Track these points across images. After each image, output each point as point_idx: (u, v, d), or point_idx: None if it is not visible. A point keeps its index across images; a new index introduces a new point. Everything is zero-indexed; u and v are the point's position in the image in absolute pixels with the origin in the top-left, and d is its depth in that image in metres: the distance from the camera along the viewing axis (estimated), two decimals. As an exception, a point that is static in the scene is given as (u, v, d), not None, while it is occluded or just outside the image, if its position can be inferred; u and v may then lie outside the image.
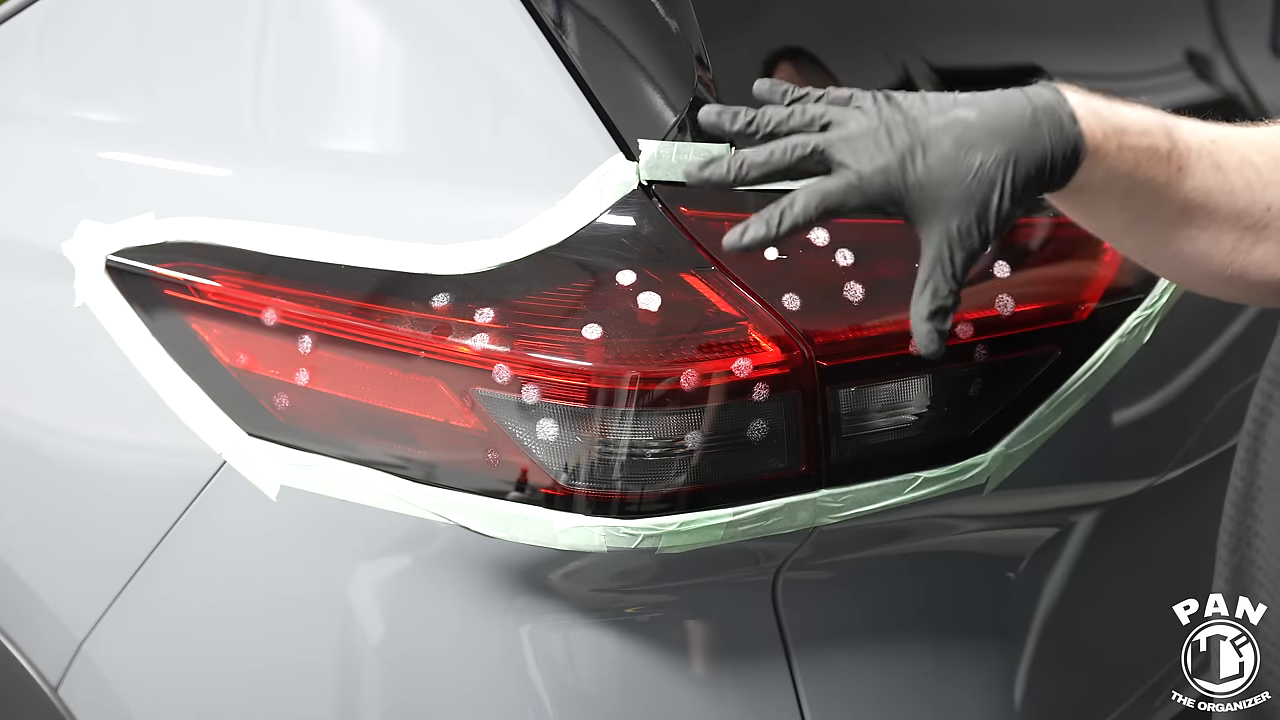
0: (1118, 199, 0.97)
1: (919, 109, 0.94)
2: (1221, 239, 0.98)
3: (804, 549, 1.17)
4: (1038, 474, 1.23)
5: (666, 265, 1.08)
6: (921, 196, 0.92)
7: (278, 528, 1.20)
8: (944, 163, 0.92)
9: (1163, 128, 0.97)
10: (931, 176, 0.92)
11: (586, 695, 1.18)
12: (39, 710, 1.36)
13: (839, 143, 0.93)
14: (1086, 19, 1.45)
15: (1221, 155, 0.97)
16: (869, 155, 0.92)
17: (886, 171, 0.92)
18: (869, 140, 0.93)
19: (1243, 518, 0.98)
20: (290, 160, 1.24)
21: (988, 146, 0.92)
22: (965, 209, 0.92)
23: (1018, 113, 0.94)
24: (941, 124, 0.93)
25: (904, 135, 0.92)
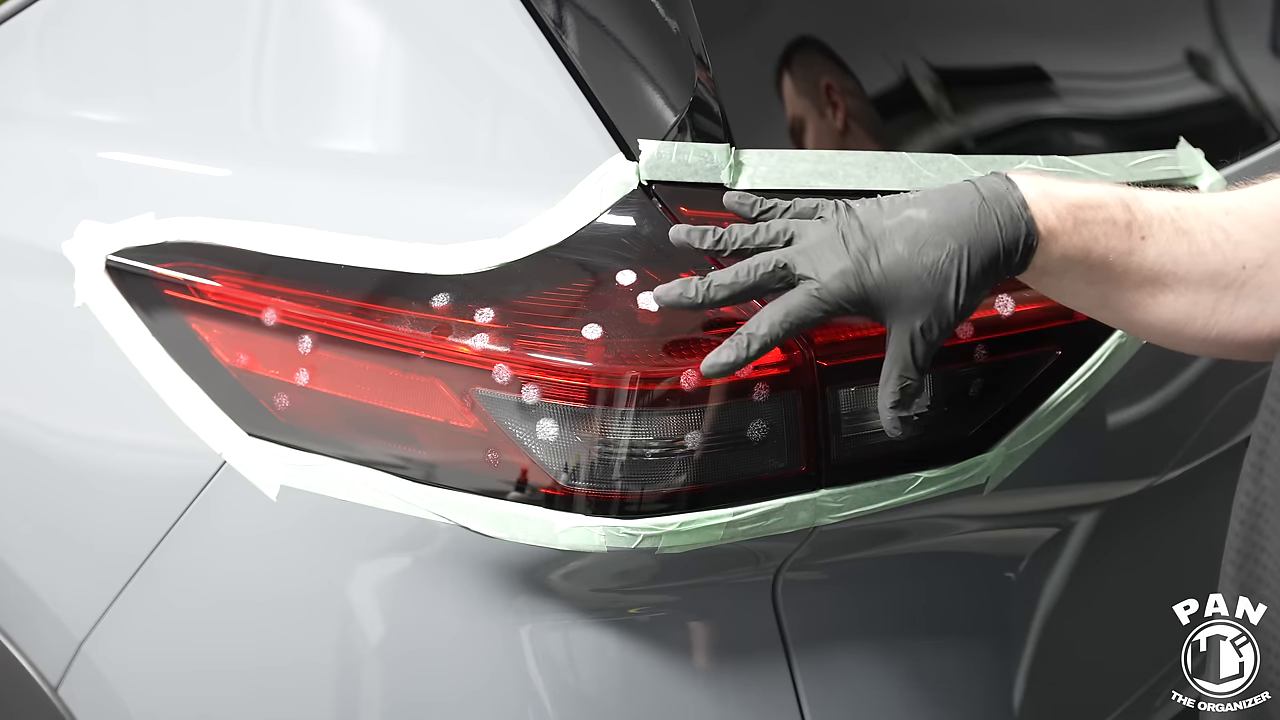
0: (1083, 275, 0.99)
1: (872, 213, 0.98)
2: (1200, 301, 0.99)
3: (804, 549, 1.17)
4: (1038, 474, 1.23)
5: (666, 265, 1.08)
6: (880, 297, 0.96)
7: (278, 528, 1.20)
8: (898, 264, 0.96)
9: (1120, 200, 0.99)
10: (887, 278, 0.96)
11: (586, 695, 1.18)
12: (39, 710, 1.36)
13: (798, 255, 0.98)
14: (1087, 19, 1.45)
15: (1185, 221, 0.99)
16: (826, 263, 0.96)
17: (844, 277, 0.96)
18: (825, 248, 0.97)
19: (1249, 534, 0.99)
20: (290, 160, 1.24)
21: (939, 244, 0.96)
22: (924, 306, 0.96)
23: (967, 206, 0.97)
24: (894, 225, 0.97)
25: (858, 239, 0.96)
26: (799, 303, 0.97)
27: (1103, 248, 0.97)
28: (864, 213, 0.98)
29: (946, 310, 0.96)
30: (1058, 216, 0.97)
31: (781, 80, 1.19)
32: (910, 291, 0.96)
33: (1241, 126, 1.51)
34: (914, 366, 0.98)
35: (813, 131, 1.18)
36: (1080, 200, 0.98)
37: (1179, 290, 0.99)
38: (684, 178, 1.09)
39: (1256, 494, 0.99)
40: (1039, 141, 1.34)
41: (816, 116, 1.19)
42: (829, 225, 0.98)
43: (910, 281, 0.95)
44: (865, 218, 0.97)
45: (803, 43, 1.22)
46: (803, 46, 1.22)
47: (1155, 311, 1.00)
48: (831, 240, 0.97)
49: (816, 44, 1.23)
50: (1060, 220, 0.97)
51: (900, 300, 0.96)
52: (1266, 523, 0.98)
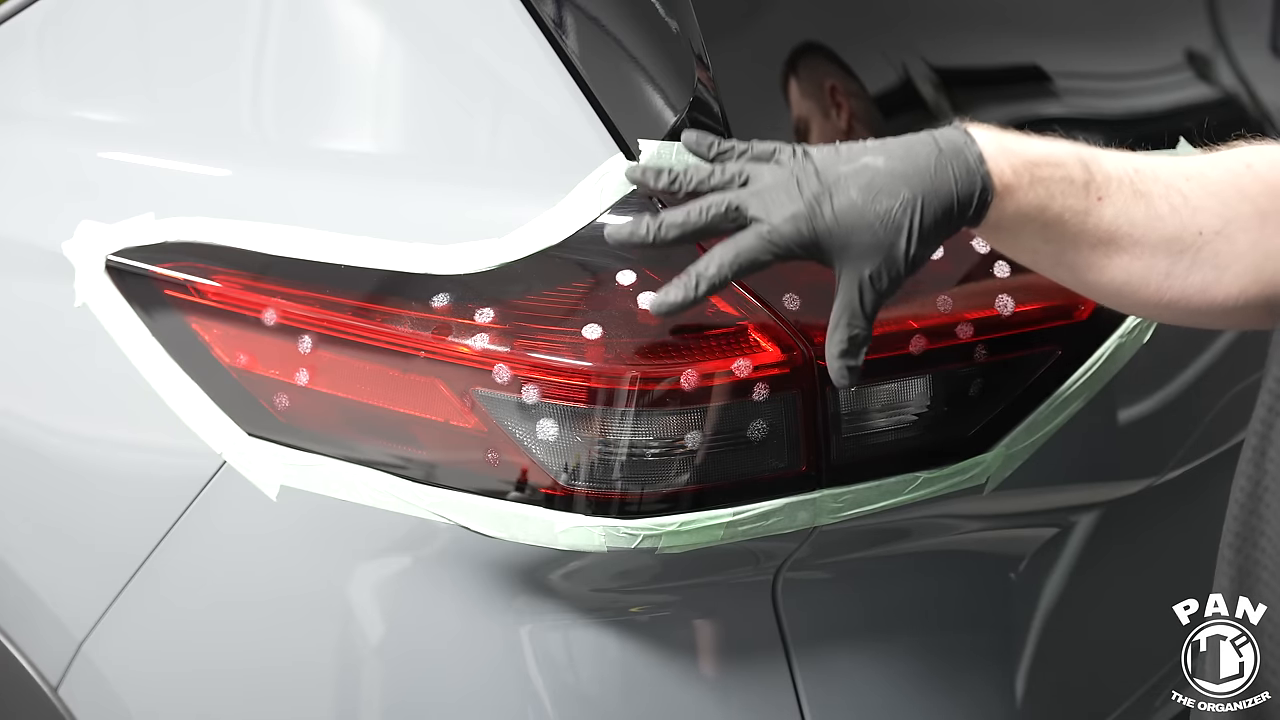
0: (1038, 232, 0.99)
1: (829, 158, 0.97)
2: (1155, 265, 0.99)
3: (804, 549, 1.17)
4: (1038, 474, 1.23)
5: (666, 265, 1.08)
6: (830, 243, 0.95)
7: (278, 528, 1.20)
8: (851, 209, 0.95)
9: (1079, 159, 0.98)
10: (840, 223, 0.95)
11: (586, 695, 1.18)
12: (39, 710, 1.36)
13: (751, 198, 0.97)
14: (1087, 19, 1.45)
15: (1144, 184, 0.99)
16: (779, 206, 0.95)
17: (795, 219, 0.95)
18: (779, 191, 0.96)
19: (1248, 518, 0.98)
20: (290, 160, 1.24)
21: (893, 192, 0.95)
22: (874, 254, 0.95)
23: (924, 157, 0.96)
24: (849, 171, 0.96)
25: (813, 184, 0.96)
26: (749, 244, 0.95)
27: (1059, 206, 0.97)
28: (820, 157, 0.97)
29: (897, 260, 0.95)
30: (1014, 172, 0.96)
31: (782, 81, 1.19)
32: (861, 238, 0.95)
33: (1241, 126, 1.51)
34: (862, 315, 0.97)
35: (814, 132, 1.18)
36: (1038, 157, 0.97)
37: (1134, 253, 0.98)
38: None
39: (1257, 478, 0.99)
40: (1039, 141, 1.34)
41: (817, 117, 1.19)
42: (784, 169, 0.97)
43: (862, 228, 0.95)
44: (821, 163, 0.97)
45: (803, 43, 1.22)
46: (803, 47, 1.22)
47: (1109, 273, 1.00)
48: (786, 184, 0.96)
49: (816, 44, 1.23)
50: (1017, 176, 0.96)
51: (851, 247, 0.95)
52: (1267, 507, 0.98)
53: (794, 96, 1.19)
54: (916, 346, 1.11)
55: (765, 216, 0.95)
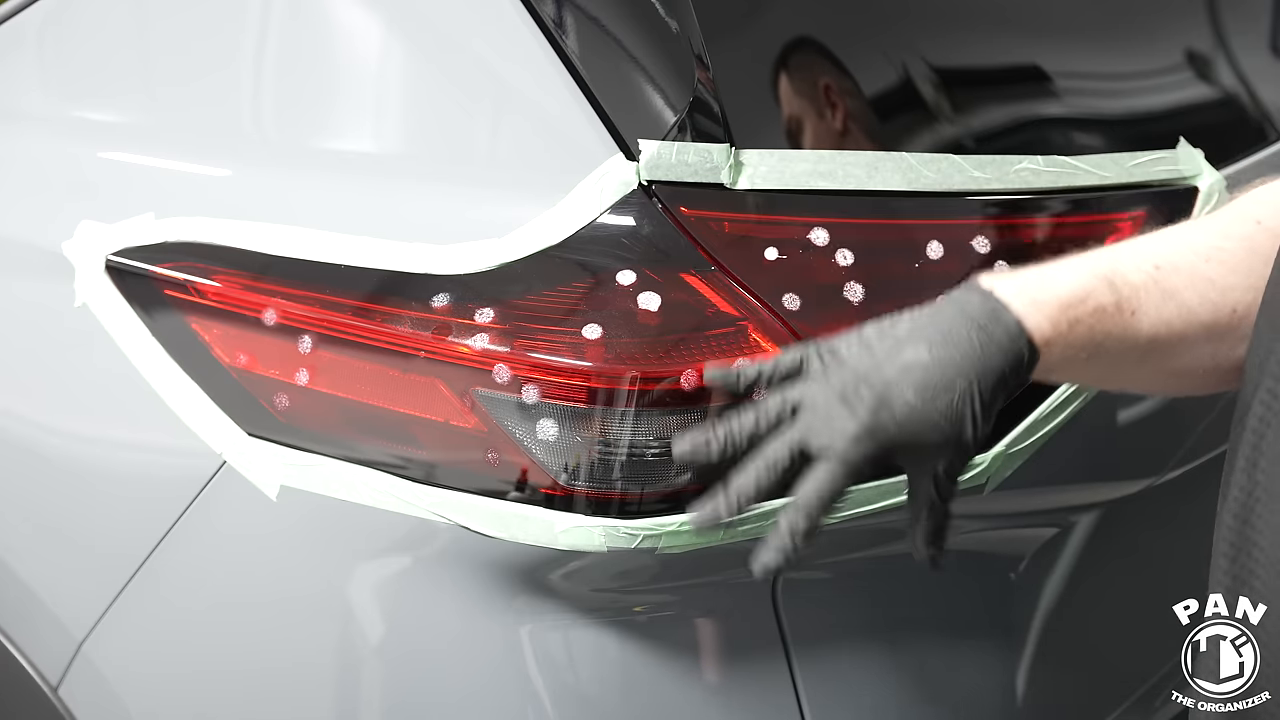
0: (1084, 364, 0.98)
1: (867, 361, 0.93)
2: (1200, 352, 0.99)
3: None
4: (1038, 474, 1.23)
5: (666, 265, 1.08)
6: (898, 449, 0.93)
7: (278, 528, 1.20)
8: (912, 415, 0.92)
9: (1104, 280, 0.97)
10: (904, 430, 0.92)
11: (586, 695, 1.18)
12: (39, 710, 1.36)
13: (808, 432, 0.93)
14: (1087, 19, 1.45)
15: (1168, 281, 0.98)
16: (839, 431, 0.92)
17: (859, 441, 0.92)
18: (833, 415, 0.92)
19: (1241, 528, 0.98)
20: (290, 160, 1.24)
21: (949, 386, 0.92)
22: (944, 449, 0.94)
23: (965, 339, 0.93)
24: (896, 374, 0.92)
25: (865, 397, 0.92)
26: (826, 481, 0.92)
27: (1099, 336, 0.96)
28: (857, 362, 0.94)
29: (966, 447, 0.94)
30: (1052, 324, 0.94)
31: (773, 78, 1.19)
32: (928, 438, 0.92)
33: (1241, 126, 1.51)
34: (941, 505, 0.96)
35: (807, 131, 1.18)
36: (1068, 298, 0.95)
37: (1176, 349, 0.98)
38: (684, 178, 1.09)
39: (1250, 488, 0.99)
40: (1039, 141, 1.34)
41: (811, 116, 1.19)
42: (827, 386, 0.94)
43: (927, 429, 0.92)
44: (863, 368, 0.93)
45: (803, 43, 1.22)
46: (803, 46, 1.22)
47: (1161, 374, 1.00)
48: (837, 404, 0.92)
49: (816, 44, 1.23)
50: (1054, 327, 0.94)
51: (919, 448, 0.93)
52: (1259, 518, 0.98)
53: (785, 94, 1.19)
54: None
55: (830, 444, 0.92)
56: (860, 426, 0.92)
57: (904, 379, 0.92)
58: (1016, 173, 1.20)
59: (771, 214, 1.10)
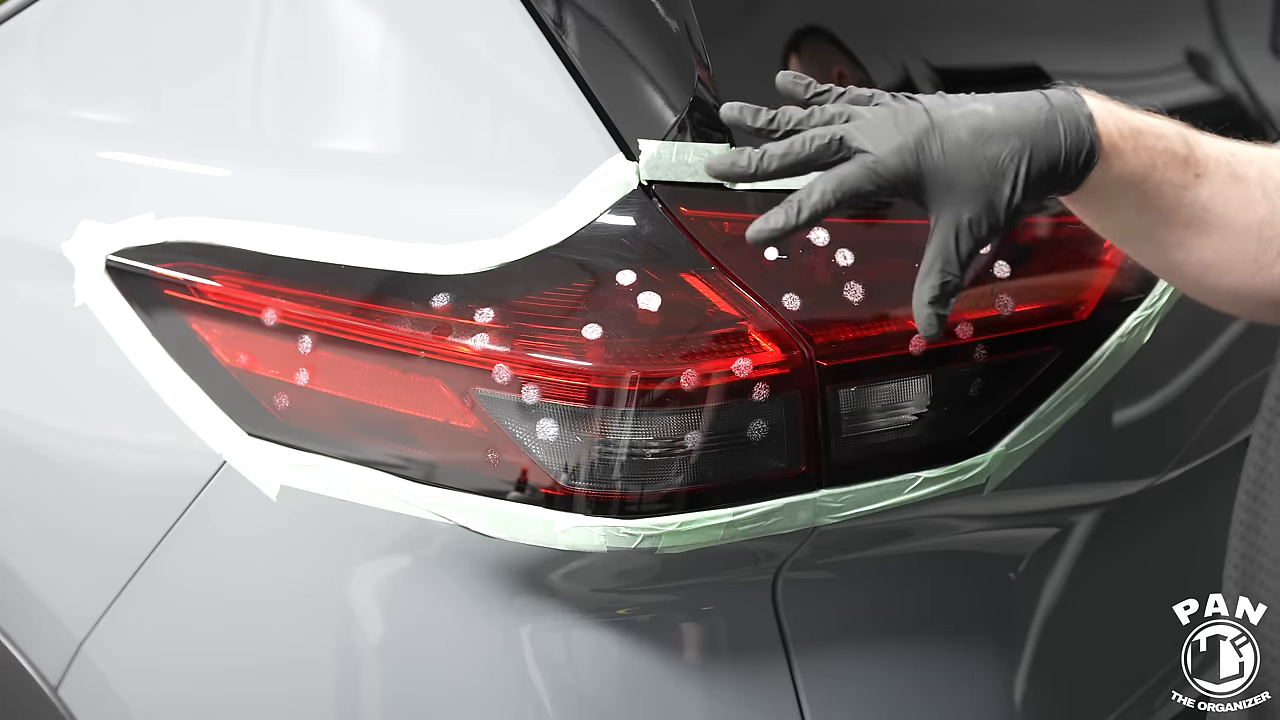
0: (1135, 203, 0.98)
1: (936, 102, 0.97)
2: (1244, 249, 0.99)
3: (804, 549, 1.17)
4: (1038, 474, 1.23)
5: (666, 265, 1.08)
6: (934, 181, 0.94)
7: (278, 528, 1.20)
8: (959, 149, 0.94)
9: (1180, 135, 0.98)
10: (947, 162, 0.94)
11: (586, 695, 1.18)
12: (39, 710, 1.36)
13: (855, 131, 0.95)
14: (1086, 19, 1.45)
15: (1240, 167, 0.99)
16: (885, 139, 0.94)
17: (902, 152, 0.94)
18: (886, 126, 0.95)
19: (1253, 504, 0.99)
20: (290, 160, 1.24)
21: (1004, 139, 0.94)
22: (977, 198, 0.94)
23: (1035, 110, 0.96)
24: (959, 114, 0.95)
25: (921, 120, 0.95)
26: (853, 173, 0.94)
27: (1159, 177, 0.97)
28: (928, 100, 0.97)
29: (998, 207, 0.94)
30: (1120, 135, 0.96)
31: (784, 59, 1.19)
32: (966, 180, 0.94)
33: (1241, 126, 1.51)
34: (957, 261, 0.95)
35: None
36: (1143, 126, 0.97)
37: (1224, 234, 0.98)
38: (684, 178, 1.09)
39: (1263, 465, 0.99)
40: (1039, 141, 1.34)
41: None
42: (889, 107, 0.97)
43: (969, 169, 0.94)
44: (929, 103, 0.96)
45: (802, 43, 1.22)
46: (802, 47, 1.22)
47: (1197, 252, 0.99)
48: (892, 119, 0.95)
49: (816, 44, 1.23)
50: (1123, 139, 0.96)
51: (954, 188, 0.94)
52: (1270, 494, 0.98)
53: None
54: (916, 346, 1.11)
55: (871, 148, 0.94)
56: (906, 140, 0.94)
57: (963, 120, 0.95)
58: (1016, 173, 1.20)
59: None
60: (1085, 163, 0.95)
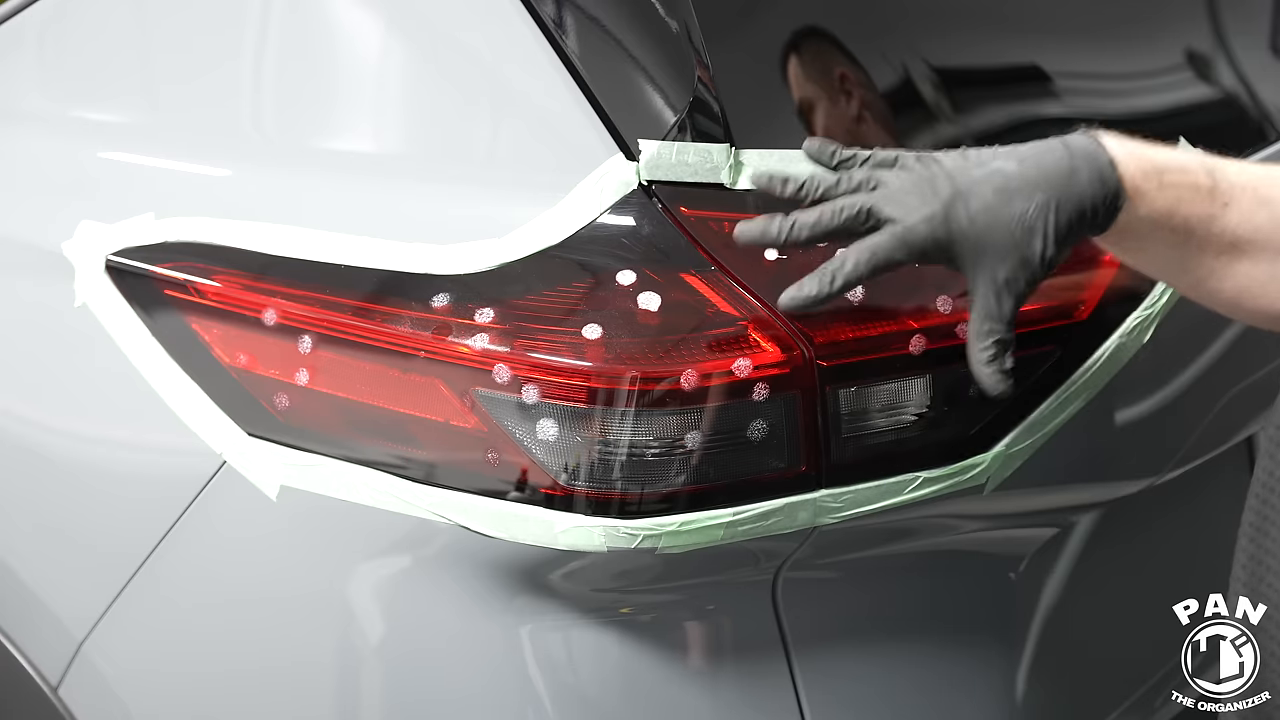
0: (1164, 238, 1.00)
1: (959, 163, 0.98)
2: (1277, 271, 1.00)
3: (804, 549, 1.17)
4: (1038, 474, 1.23)
5: (666, 265, 1.08)
6: (965, 245, 0.96)
7: (278, 528, 1.20)
8: (986, 211, 0.96)
9: (1203, 166, 1.00)
10: (975, 225, 0.96)
11: (586, 695, 1.18)
12: (39, 710, 1.36)
13: (883, 200, 0.98)
14: (1086, 19, 1.45)
15: (1265, 189, 1.00)
16: (914, 207, 0.97)
17: (931, 221, 0.96)
18: (913, 194, 0.97)
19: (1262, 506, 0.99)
20: (290, 160, 1.24)
21: (1028, 195, 0.96)
22: (1010, 256, 0.96)
23: (1056, 161, 0.97)
24: (982, 175, 0.97)
25: (946, 186, 0.97)
26: (884, 243, 0.96)
27: (1185, 211, 0.98)
28: (950, 163, 0.98)
29: (1032, 261, 0.96)
30: (1144, 176, 0.97)
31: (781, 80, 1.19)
32: (997, 240, 0.96)
33: (1241, 126, 1.51)
34: (1002, 319, 0.97)
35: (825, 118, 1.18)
36: (1165, 163, 0.98)
37: (1257, 258, 0.99)
38: (684, 178, 1.09)
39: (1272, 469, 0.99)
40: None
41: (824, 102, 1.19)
42: (914, 173, 0.98)
43: (997, 229, 0.96)
44: (952, 167, 0.98)
45: (803, 43, 1.22)
46: (803, 47, 1.22)
47: (1231, 279, 1.01)
48: (919, 186, 0.97)
49: (817, 44, 1.23)
50: (1146, 180, 0.97)
51: (986, 249, 0.96)
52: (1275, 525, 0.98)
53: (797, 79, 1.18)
54: (916, 346, 1.11)
55: (900, 217, 0.96)
56: (934, 208, 0.96)
57: (987, 181, 0.96)
58: (1016, 173, 1.20)
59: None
60: (1110, 207, 0.97)
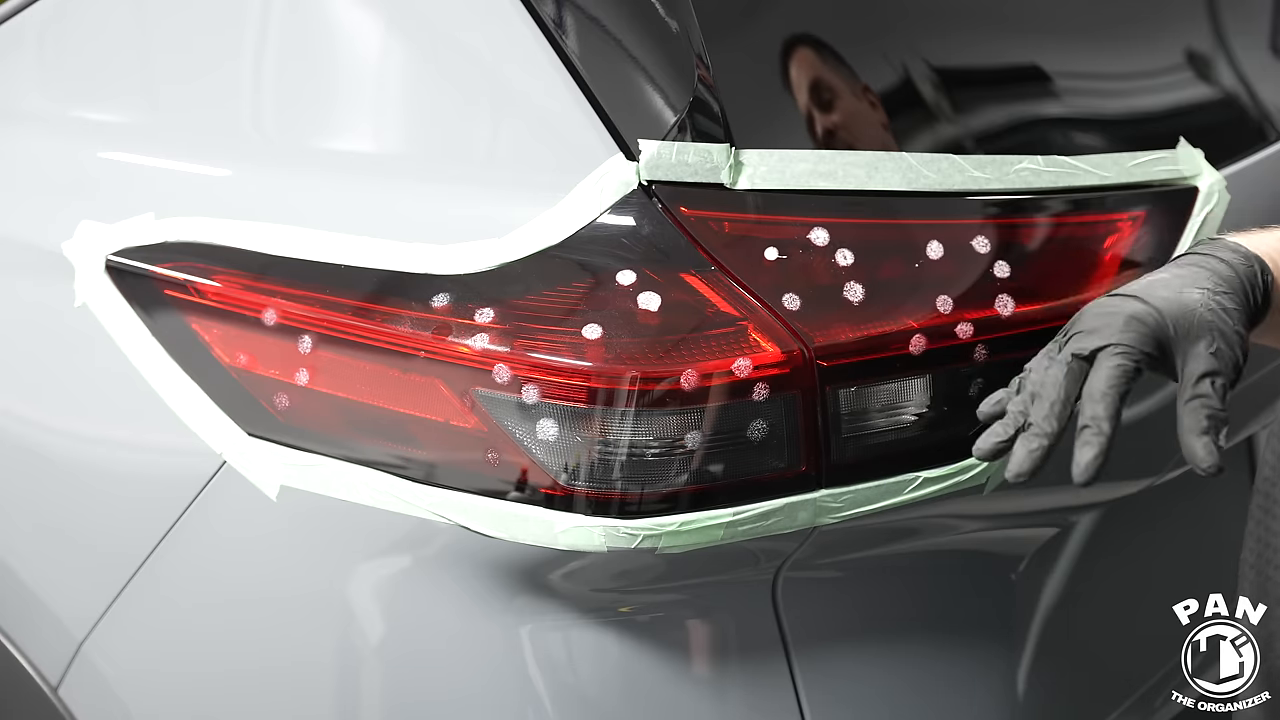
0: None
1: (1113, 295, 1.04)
2: None
3: (804, 549, 1.17)
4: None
5: (666, 265, 1.08)
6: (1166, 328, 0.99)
7: (278, 528, 1.20)
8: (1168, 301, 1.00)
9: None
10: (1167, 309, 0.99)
11: (586, 695, 1.18)
12: (39, 710, 1.36)
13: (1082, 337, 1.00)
14: (1086, 19, 1.45)
15: None
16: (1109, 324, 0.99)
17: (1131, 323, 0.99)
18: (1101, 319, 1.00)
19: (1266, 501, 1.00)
20: (290, 160, 1.24)
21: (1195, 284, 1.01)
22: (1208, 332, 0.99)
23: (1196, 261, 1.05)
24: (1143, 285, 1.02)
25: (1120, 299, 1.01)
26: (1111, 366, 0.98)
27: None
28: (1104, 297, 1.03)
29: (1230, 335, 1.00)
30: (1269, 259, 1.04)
31: (781, 80, 1.19)
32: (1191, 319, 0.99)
33: (1241, 126, 1.51)
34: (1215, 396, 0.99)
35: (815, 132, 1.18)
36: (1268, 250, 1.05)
37: None
38: (684, 178, 1.09)
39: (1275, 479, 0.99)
40: (1039, 141, 1.34)
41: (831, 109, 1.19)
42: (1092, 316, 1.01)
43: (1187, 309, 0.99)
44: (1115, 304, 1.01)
45: (803, 43, 1.22)
46: (803, 46, 1.22)
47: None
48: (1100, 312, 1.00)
49: (817, 44, 1.23)
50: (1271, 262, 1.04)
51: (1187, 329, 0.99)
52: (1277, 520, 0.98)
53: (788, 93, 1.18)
54: (916, 346, 1.11)
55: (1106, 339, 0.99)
56: (1125, 317, 0.99)
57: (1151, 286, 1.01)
58: (1016, 173, 1.20)
59: (771, 214, 1.10)
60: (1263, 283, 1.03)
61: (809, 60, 1.21)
